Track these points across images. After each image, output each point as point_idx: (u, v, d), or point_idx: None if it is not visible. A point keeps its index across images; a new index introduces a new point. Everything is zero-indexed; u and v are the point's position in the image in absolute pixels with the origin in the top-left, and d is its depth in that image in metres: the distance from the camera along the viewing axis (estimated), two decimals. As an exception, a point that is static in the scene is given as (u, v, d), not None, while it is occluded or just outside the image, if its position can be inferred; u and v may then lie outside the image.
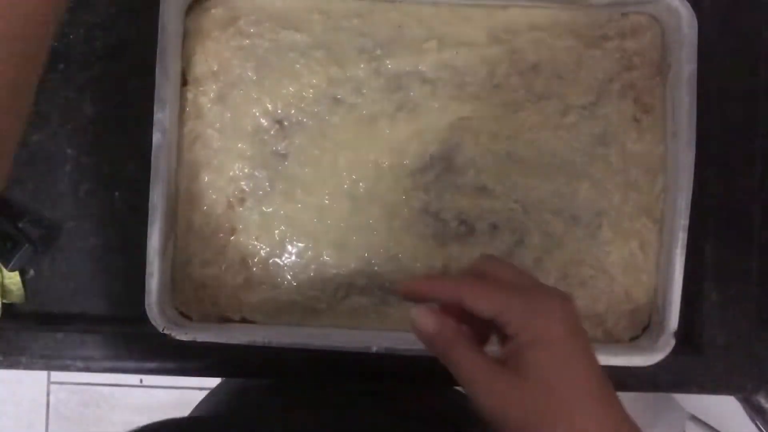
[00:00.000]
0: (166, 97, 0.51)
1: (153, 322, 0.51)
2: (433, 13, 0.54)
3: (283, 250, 0.53)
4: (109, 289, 0.55)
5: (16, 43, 0.33)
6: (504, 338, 0.37)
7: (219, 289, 0.53)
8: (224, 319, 0.54)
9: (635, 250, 0.53)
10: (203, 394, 0.67)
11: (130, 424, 0.42)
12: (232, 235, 0.53)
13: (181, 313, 0.54)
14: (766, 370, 0.56)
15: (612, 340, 0.54)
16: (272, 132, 0.53)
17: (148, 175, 0.51)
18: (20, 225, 0.54)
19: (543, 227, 0.53)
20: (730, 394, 0.55)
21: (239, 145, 0.53)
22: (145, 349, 0.55)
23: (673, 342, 0.51)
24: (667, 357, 0.51)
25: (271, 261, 0.53)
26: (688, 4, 0.51)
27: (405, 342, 0.51)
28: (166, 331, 0.51)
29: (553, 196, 0.53)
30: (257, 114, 0.53)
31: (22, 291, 0.55)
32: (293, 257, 0.53)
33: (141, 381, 1.35)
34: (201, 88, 0.54)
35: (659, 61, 0.54)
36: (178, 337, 0.51)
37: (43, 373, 1.37)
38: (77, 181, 0.55)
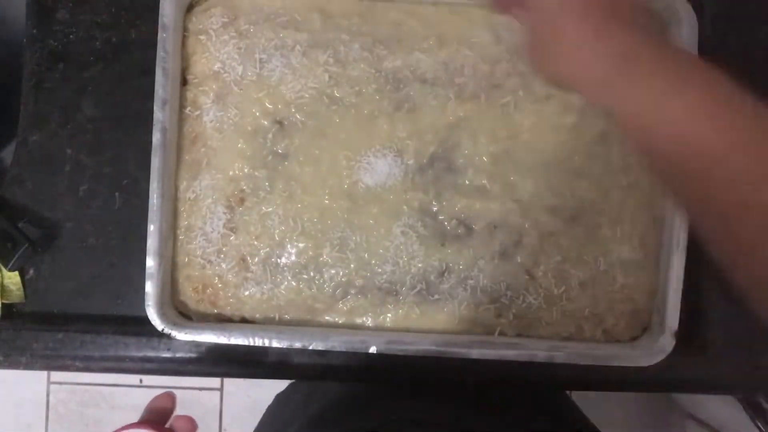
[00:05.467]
0: (166, 96, 0.51)
1: (153, 323, 0.51)
2: (432, 12, 0.54)
3: (283, 250, 0.53)
4: (109, 289, 0.55)
5: None
6: None
7: (219, 289, 0.53)
8: (224, 319, 0.54)
9: (635, 249, 0.53)
10: (203, 394, 0.67)
11: (130, 424, 0.42)
12: (232, 235, 0.53)
13: (181, 314, 0.54)
14: (766, 370, 0.56)
15: (612, 340, 0.54)
16: (272, 132, 0.53)
17: (148, 175, 0.51)
18: (20, 225, 0.54)
19: (542, 227, 0.53)
20: (730, 394, 0.55)
21: (239, 144, 0.53)
22: (145, 349, 0.55)
23: (673, 342, 0.51)
24: (667, 357, 0.51)
25: (271, 261, 0.53)
26: (688, 4, 0.51)
27: (403, 342, 0.51)
28: (165, 331, 0.51)
29: (552, 196, 0.53)
30: (257, 114, 0.53)
31: (22, 291, 0.55)
32: (293, 257, 0.53)
33: (141, 381, 1.35)
34: (201, 88, 0.54)
35: (659, 60, 0.54)
36: (177, 337, 0.51)
37: (43, 373, 1.37)
38: (77, 181, 0.55)
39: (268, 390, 0.74)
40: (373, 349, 0.50)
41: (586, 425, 0.62)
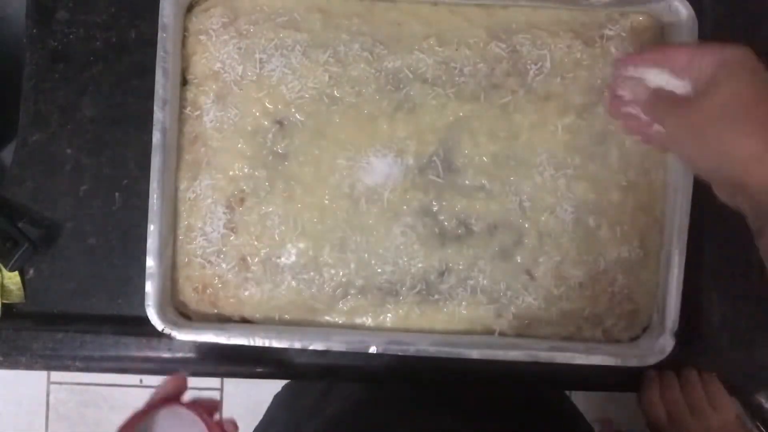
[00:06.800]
0: (166, 96, 0.51)
1: (153, 323, 0.51)
2: (432, 12, 0.54)
3: (283, 250, 0.53)
4: (109, 289, 0.55)
5: None
6: None
7: (219, 289, 0.53)
8: (224, 319, 0.54)
9: (635, 249, 0.53)
10: (203, 394, 0.67)
11: (130, 424, 0.42)
12: (232, 235, 0.53)
13: (181, 314, 0.54)
14: (766, 370, 0.56)
15: (612, 340, 0.54)
16: (272, 132, 0.53)
17: (148, 175, 0.51)
18: (20, 225, 0.54)
19: (542, 227, 0.53)
20: (730, 394, 0.55)
21: (239, 144, 0.53)
22: (145, 349, 0.55)
23: (673, 342, 0.51)
24: (667, 357, 0.51)
25: (270, 261, 0.53)
26: (689, 4, 0.51)
27: (403, 342, 0.51)
28: (165, 331, 0.51)
29: (552, 196, 0.53)
30: (257, 114, 0.53)
31: (22, 291, 0.55)
32: (293, 257, 0.53)
33: (141, 381, 1.35)
34: (201, 88, 0.54)
35: (659, 60, 0.54)
36: (177, 337, 0.51)
37: (43, 373, 1.37)
38: (77, 181, 0.55)
39: (268, 390, 0.74)
40: (373, 349, 0.50)
41: (585, 426, 0.63)
